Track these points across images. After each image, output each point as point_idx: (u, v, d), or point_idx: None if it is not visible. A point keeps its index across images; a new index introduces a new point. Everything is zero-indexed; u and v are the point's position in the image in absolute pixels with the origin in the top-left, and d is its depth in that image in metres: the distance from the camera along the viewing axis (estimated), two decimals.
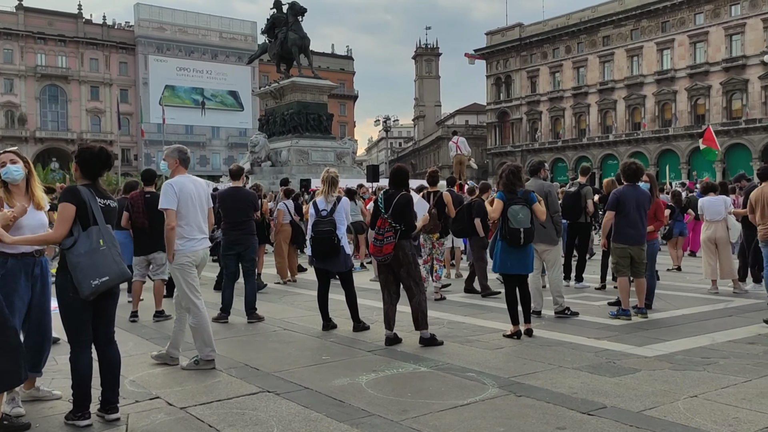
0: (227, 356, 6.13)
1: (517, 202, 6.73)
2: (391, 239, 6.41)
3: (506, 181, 6.89)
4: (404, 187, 6.74)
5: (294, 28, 33.32)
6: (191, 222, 5.60)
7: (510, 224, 6.67)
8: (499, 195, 6.94)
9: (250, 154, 33.03)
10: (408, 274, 6.53)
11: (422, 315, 6.49)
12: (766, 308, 8.36)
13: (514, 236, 6.68)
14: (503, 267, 6.90)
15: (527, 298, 6.97)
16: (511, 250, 6.77)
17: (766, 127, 51.94)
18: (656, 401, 4.58)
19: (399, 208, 6.45)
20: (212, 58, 75.96)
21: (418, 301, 6.51)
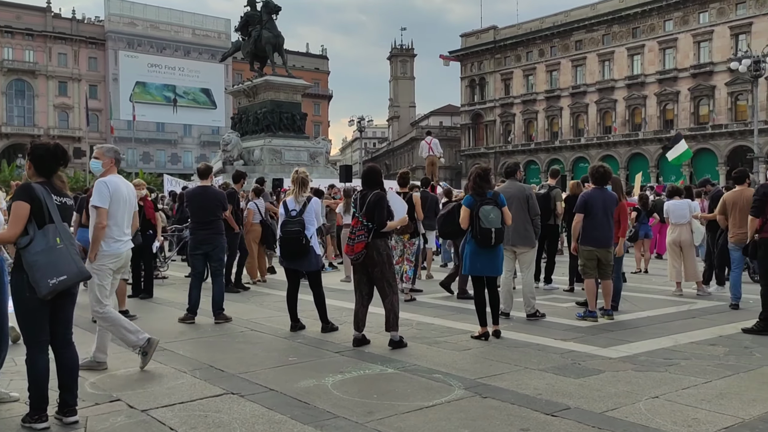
0: (192, 357, 6.06)
1: (488, 202, 6.75)
2: (363, 238, 6.39)
3: (474, 184, 6.91)
4: (377, 186, 6.70)
5: (268, 27, 33.11)
6: (119, 223, 5.50)
7: (482, 224, 6.66)
8: (466, 200, 6.92)
9: (223, 152, 32.73)
10: (382, 274, 6.52)
11: (394, 316, 6.48)
12: (728, 310, 8.55)
13: (485, 236, 6.68)
14: (473, 268, 6.91)
15: (496, 300, 6.99)
16: (481, 251, 6.78)
17: (731, 132, 53.04)
18: (619, 402, 4.63)
19: (370, 206, 6.44)
20: (185, 54, 75.13)
21: (391, 301, 6.50)
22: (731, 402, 4.62)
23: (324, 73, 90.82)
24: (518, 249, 8.00)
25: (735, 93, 53.41)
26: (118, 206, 5.46)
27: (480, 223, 6.66)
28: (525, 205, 7.96)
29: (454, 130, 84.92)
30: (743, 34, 52.38)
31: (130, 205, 5.62)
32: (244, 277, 11.87)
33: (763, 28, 51.20)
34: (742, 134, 51.41)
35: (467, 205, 6.83)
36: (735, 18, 53.32)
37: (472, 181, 6.93)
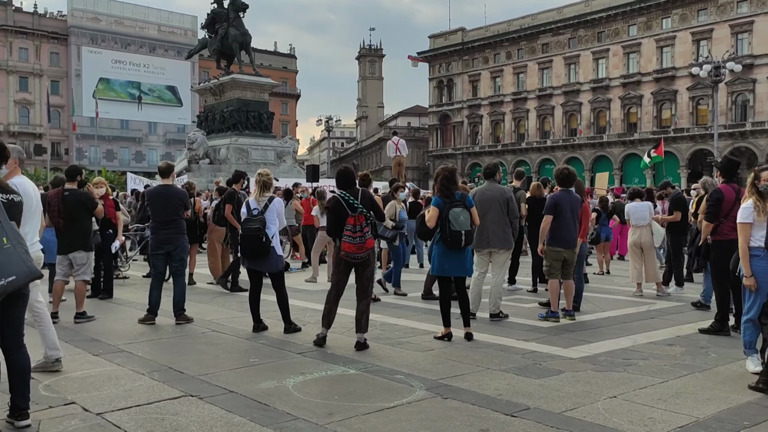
0: (151, 359, 5.95)
1: (457, 204, 6.76)
2: (370, 234, 6.38)
3: (441, 186, 6.90)
4: (354, 186, 6.67)
5: (235, 24, 32.81)
6: (28, 224, 5.26)
7: (452, 227, 6.65)
8: (435, 201, 6.92)
9: (188, 151, 32.33)
10: (372, 273, 6.57)
11: (366, 318, 6.50)
12: (686, 311, 8.73)
13: (455, 239, 6.67)
14: (441, 269, 6.91)
15: (466, 302, 6.99)
16: (451, 253, 6.77)
17: (692, 136, 54.25)
18: (577, 402, 4.68)
19: (368, 203, 6.46)
20: (150, 51, 74.02)
21: (367, 303, 6.54)
22: (686, 401, 4.71)
23: (292, 72, 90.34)
24: (494, 250, 8.05)
25: (696, 97, 54.66)
26: (29, 208, 5.13)
27: (450, 225, 6.65)
28: (505, 208, 8.01)
29: (422, 131, 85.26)
30: (704, 40, 53.64)
31: (38, 206, 5.29)
32: (208, 277, 11.75)
33: (723, 34, 52.52)
34: (702, 138, 52.62)
35: (436, 206, 6.83)
36: (696, 24, 54.56)
37: (439, 183, 6.91)
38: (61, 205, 7.64)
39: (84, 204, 7.76)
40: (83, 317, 7.68)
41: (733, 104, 52.89)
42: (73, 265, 7.75)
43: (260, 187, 7.22)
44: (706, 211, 7.27)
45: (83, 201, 7.78)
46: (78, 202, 7.72)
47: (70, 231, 7.59)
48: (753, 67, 50.38)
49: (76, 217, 7.67)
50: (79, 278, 7.76)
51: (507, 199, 8.09)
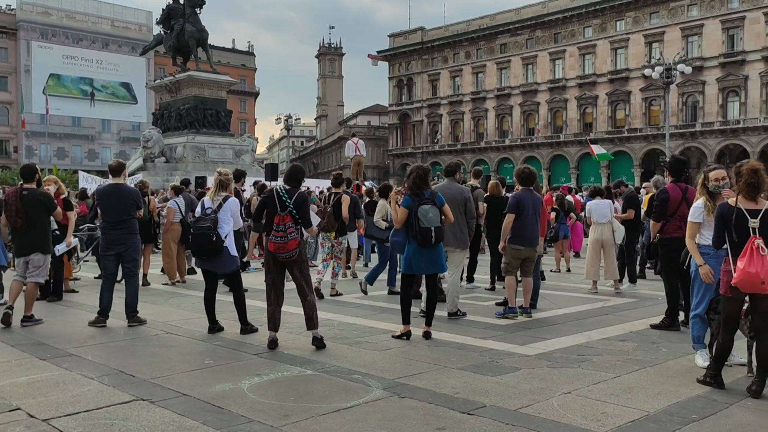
0: (101, 363, 5.79)
1: (426, 202, 6.76)
2: (295, 235, 6.30)
3: (413, 184, 6.89)
4: (297, 185, 6.62)
5: (192, 20, 32.29)
6: None
7: (421, 224, 6.65)
8: (404, 201, 6.88)
9: (143, 149, 31.71)
10: (301, 272, 6.44)
11: (316, 314, 6.45)
12: (638, 307, 8.92)
13: (425, 236, 6.67)
14: (417, 268, 6.90)
15: (434, 302, 6.99)
16: (423, 251, 6.77)
17: (645, 136, 55.57)
18: (533, 399, 4.72)
19: (298, 205, 6.37)
20: (103, 47, 72.25)
21: (311, 300, 6.46)
22: (638, 396, 4.80)
23: (251, 70, 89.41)
24: (450, 249, 8.06)
25: (649, 98, 56.01)
26: None
27: (419, 222, 6.66)
28: (462, 207, 8.05)
29: (382, 130, 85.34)
30: (656, 42, 55.00)
31: None
32: (162, 277, 11.53)
33: (675, 37, 53.94)
34: (655, 138, 53.94)
35: (405, 206, 6.80)
36: (649, 27, 55.92)
37: (411, 182, 6.89)
38: (19, 204, 7.36)
39: (43, 204, 7.51)
40: (30, 320, 7.43)
41: (684, 105, 54.38)
42: (29, 267, 7.50)
43: (217, 185, 7.12)
44: (653, 211, 7.43)
45: (42, 201, 7.52)
46: (37, 202, 7.46)
47: (30, 232, 7.36)
48: (702, 69, 51.87)
49: (35, 217, 7.42)
50: (32, 280, 7.50)
51: (465, 198, 8.14)
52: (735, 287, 4.84)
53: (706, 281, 5.45)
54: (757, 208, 4.88)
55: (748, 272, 4.69)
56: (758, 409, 4.53)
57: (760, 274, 4.68)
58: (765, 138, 48.47)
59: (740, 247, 4.81)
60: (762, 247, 4.74)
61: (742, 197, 4.92)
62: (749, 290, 4.83)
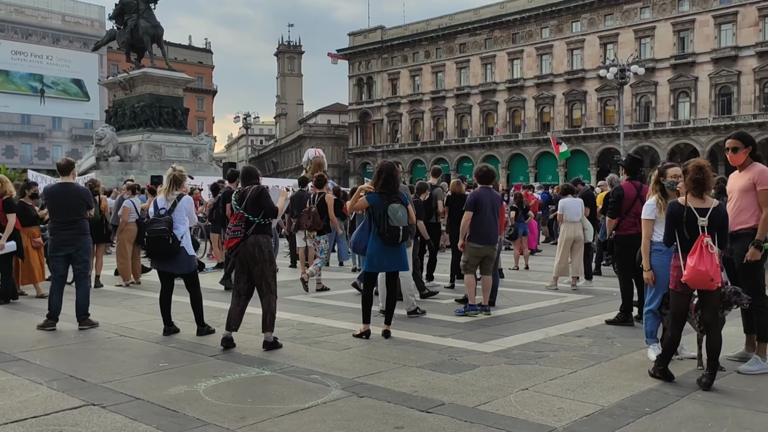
0: (50, 367, 5.61)
1: (395, 200, 6.75)
2: (238, 234, 6.23)
3: (385, 181, 6.85)
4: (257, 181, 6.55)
5: (146, 16, 31.66)
6: None
7: (390, 222, 6.64)
8: (371, 197, 6.83)
9: (96, 147, 30.96)
10: (261, 272, 6.33)
11: (271, 317, 6.33)
12: (594, 303, 9.07)
13: (393, 234, 6.66)
14: (380, 266, 6.88)
15: (394, 300, 6.98)
16: (387, 248, 6.76)
17: (601, 135, 56.72)
18: (491, 395, 4.74)
19: (253, 199, 6.27)
20: (54, 42, 70.26)
21: (268, 301, 6.35)
22: (593, 390, 4.86)
23: (208, 68, 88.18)
24: None
25: (604, 99, 57.18)
26: None
27: (389, 221, 6.64)
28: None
29: (342, 129, 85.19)
30: (611, 43, 56.19)
31: None
32: (116, 279, 11.27)
33: (628, 38, 55.19)
34: (610, 137, 55.09)
35: (372, 202, 6.77)
36: (604, 28, 57.06)
37: (384, 179, 6.86)
38: None
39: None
40: None
41: (638, 105, 55.67)
42: None
43: (171, 182, 6.96)
44: (608, 208, 7.57)
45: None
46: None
47: None
48: (655, 70, 53.19)
49: None
50: None
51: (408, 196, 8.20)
52: (684, 283, 4.95)
53: (649, 284, 5.61)
54: (705, 206, 5.01)
55: (698, 270, 4.81)
56: (708, 401, 4.64)
57: (709, 272, 4.80)
58: (714, 138, 49.93)
59: (690, 244, 4.92)
60: (710, 245, 4.87)
61: (690, 195, 5.05)
62: (698, 287, 4.95)
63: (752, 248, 5.31)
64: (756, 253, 5.31)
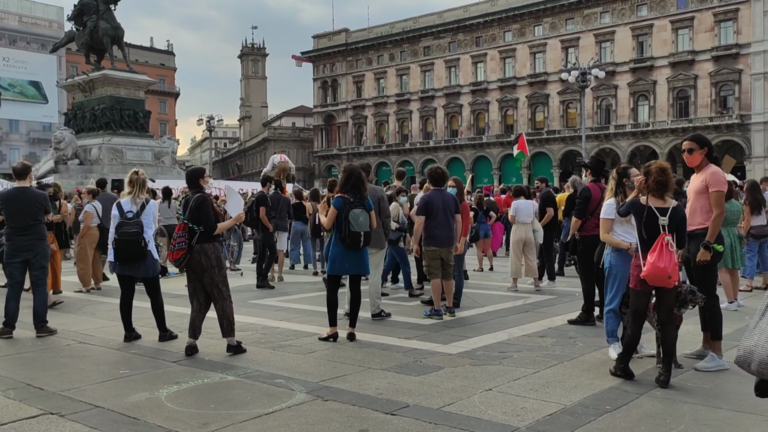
0: (7, 376, 5.47)
1: (357, 205, 6.75)
2: (183, 245, 6.15)
3: (353, 186, 6.84)
4: (195, 188, 6.45)
5: (106, 17, 31.08)
6: None
7: (351, 227, 6.66)
8: (336, 202, 6.85)
9: (55, 150, 30.30)
10: (211, 279, 6.25)
11: (228, 322, 6.27)
12: (557, 303, 9.20)
13: (355, 239, 6.68)
14: (342, 269, 6.88)
15: (358, 302, 7.01)
16: (349, 252, 6.78)
17: (563, 138, 57.58)
18: (455, 397, 4.78)
19: (193, 211, 6.19)
20: (10, 43, 68.45)
21: (222, 307, 6.28)
22: (555, 390, 4.94)
23: (170, 70, 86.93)
24: (369, 250, 8.05)
25: (566, 101, 58.07)
26: None
27: (350, 226, 6.66)
28: (377, 207, 8.05)
29: (307, 131, 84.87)
30: (572, 47, 57.12)
31: None
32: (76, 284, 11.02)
33: (589, 42, 56.17)
34: (572, 140, 55.96)
35: (337, 206, 6.76)
36: (565, 33, 57.98)
37: (351, 184, 6.85)
38: None
39: None
40: None
41: (599, 108, 56.67)
42: None
43: (138, 186, 6.87)
44: (576, 208, 7.67)
45: None
46: None
47: None
48: (615, 74, 54.21)
49: None
50: None
51: (379, 198, 8.18)
52: (644, 281, 5.07)
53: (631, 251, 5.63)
54: (665, 206, 5.13)
55: (657, 266, 4.92)
56: (666, 398, 4.75)
57: (667, 269, 4.92)
58: (672, 140, 51.09)
59: (650, 243, 5.04)
60: (671, 244, 4.99)
61: (651, 196, 5.16)
62: (656, 283, 5.06)
63: (702, 249, 5.45)
64: (705, 254, 5.45)
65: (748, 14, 49.30)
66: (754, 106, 48.94)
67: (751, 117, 49.08)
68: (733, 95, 50.47)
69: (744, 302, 8.79)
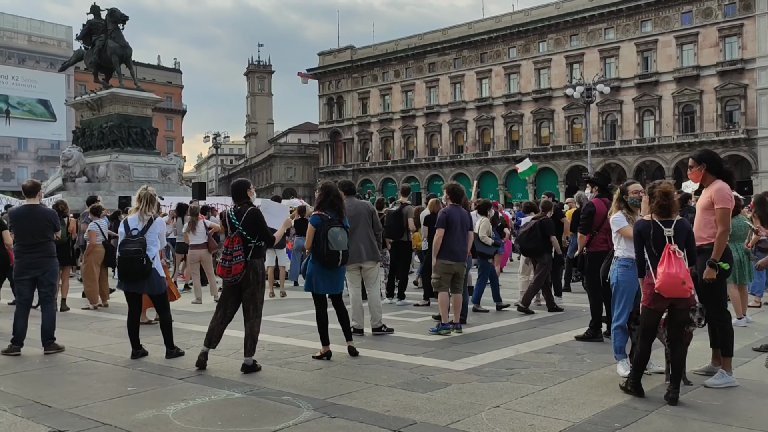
0: (15, 393, 5.48)
1: (335, 224, 6.76)
2: (240, 258, 6.16)
3: (332, 204, 6.87)
4: (244, 200, 6.47)
5: (114, 36, 31.36)
6: None
7: (330, 246, 6.66)
8: (314, 219, 6.87)
9: (63, 168, 30.44)
10: (252, 295, 6.31)
11: (252, 341, 6.29)
12: (564, 319, 9.16)
13: (333, 258, 6.69)
14: (317, 287, 6.88)
15: (345, 316, 7.02)
16: (326, 271, 6.79)
17: (569, 153, 57.61)
18: (463, 414, 4.76)
19: (249, 223, 6.21)
20: (19, 62, 69.15)
21: (251, 325, 6.31)
22: (564, 407, 4.91)
23: (177, 87, 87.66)
24: (365, 265, 8.08)
25: (571, 117, 58.17)
26: None
27: (328, 245, 6.66)
28: (369, 221, 8.11)
29: (313, 148, 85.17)
30: (577, 63, 57.33)
31: None
32: (83, 302, 11.06)
33: (594, 58, 56.36)
34: (578, 155, 55.97)
35: (315, 224, 6.78)
36: (569, 48, 58.25)
37: (330, 201, 6.86)
38: None
39: None
40: None
41: (604, 123, 56.75)
42: None
43: (146, 202, 6.89)
44: (580, 224, 7.66)
45: None
46: None
47: None
48: (620, 89, 54.35)
49: None
50: None
51: (371, 211, 8.25)
52: (657, 298, 4.99)
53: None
54: (669, 219, 5.13)
55: (669, 273, 4.86)
56: (675, 416, 4.71)
57: (680, 274, 4.85)
58: (679, 155, 51.05)
59: (659, 258, 5.00)
60: (678, 251, 4.95)
61: (655, 215, 5.15)
62: (671, 294, 4.93)
63: (708, 267, 5.40)
64: (711, 272, 5.40)
65: (752, 29, 49.44)
66: (761, 120, 48.93)
67: (757, 132, 49.06)
68: (739, 110, 50.48)
69: (753, 318, 8.73)
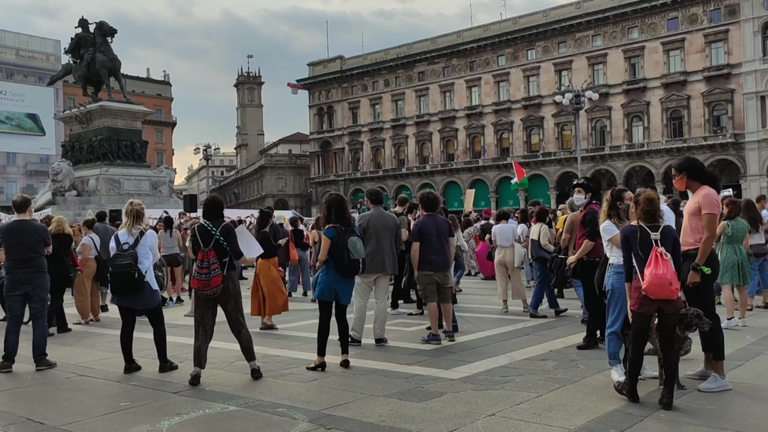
0: (6, 411, 5.43)
1: (352, 233, 6.83)
2: (218, 271, 6.18)
3: (339, 215, 6.90)
4: (221, 217, 6.51)
5: (103, 49, 31.36)
6: None
7: (351, 255, 6.71)
8: (329, 232, 6.87)
9: (52, 182, 30.38)
10: (236, 305, 6.40)
11: (251, 347, 6.45)
12: (558, 326, 9.17)
13: (354, 267, 6.75)
14: (330, 295, 6.85)
15: (345, 328, 7.01)
16: (342, 279, 6.82)
17: (559, 159, 57.87)
18: (458, 423, 4.75)
19: (224, 234, 6.26)
20: (7, 77, 68.91)
21: (243, 333, 6.44)
22: (558, 414, 4.91)
23: (167, 99, 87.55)
24: (382, 276, 8.11)
25: (561, 124, 58.48)
26: None
27: (349, 254, 6.71)
28: (394, 234, 8.16)
29: (304, 158, 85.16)
30: (565, 70, 57.69)
31: None
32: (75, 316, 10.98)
33: (582, 65, 56.75)
34: (568, 161, 56.22)
35: (330, 236, 6.80)
36: (558, 56, 58.62)
37: (335, 213, 6.92)
38: None
39: None
40: None
41: (593, 130, 57.07)
42: None
43: (132, 217, 6.89)
44: (588, 231, 7.55)
45: None
46: None
47: None
48: (608, 95, 54.71)
49: None
50: None
51: (397, 226, 8.31)
52: (645, 301, 5.03)
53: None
54: (656, 224, 5.19)
55: (656, 274, 4.91)
56: (670, 420, 4.73)
57: (666, 275, 4.90)
58: (667, 160, 51.32)
59: (647, 260, 5.05)
60: (665, 253, 4.99)
61: (641, 221, 5.22)
62: (659, 295, 4.96)
63: (691, 272, 5.46)
64: (694, 275, 5.45)
65: (738, 35, 49.93)
66: (748, 125, 49.34)
67: (744, 136, 49.45)
68: (727, 115, 50.90)
69: (745, 320, 8.77)
